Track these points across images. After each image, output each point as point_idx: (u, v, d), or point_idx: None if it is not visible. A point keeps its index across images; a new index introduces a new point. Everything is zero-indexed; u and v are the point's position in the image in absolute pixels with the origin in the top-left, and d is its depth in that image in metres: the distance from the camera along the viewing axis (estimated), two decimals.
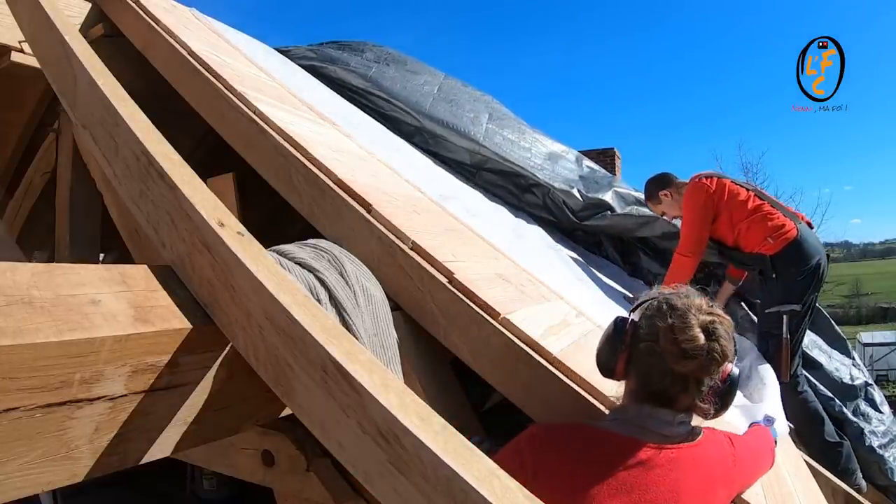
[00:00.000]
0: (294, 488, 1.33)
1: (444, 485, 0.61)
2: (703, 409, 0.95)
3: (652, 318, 0.95)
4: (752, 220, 2.41)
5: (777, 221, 2.37)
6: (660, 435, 0.92)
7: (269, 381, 0.79)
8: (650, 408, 0.94)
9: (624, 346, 0.96)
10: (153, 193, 0.92)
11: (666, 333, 0.90)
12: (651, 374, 0.94)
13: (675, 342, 0.89)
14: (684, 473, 0.89)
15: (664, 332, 0.91)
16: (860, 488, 2.50)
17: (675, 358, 0.89)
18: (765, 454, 1.15)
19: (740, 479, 1.01)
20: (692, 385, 0.92)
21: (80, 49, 1.16)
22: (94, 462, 0.75)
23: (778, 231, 2.35)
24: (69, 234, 2.09)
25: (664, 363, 0.91)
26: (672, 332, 0.90)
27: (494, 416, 1.76)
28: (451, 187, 2.64)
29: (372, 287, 1.13)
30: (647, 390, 0.95)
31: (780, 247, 2.34)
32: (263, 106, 1.53)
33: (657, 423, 0.93)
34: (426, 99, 3.22)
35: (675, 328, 0.90)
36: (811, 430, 2.45)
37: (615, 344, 0.97)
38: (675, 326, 0.90)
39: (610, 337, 0.99)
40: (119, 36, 1.98)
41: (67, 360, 0.66)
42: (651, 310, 0.97)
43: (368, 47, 3.56)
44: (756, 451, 1.11)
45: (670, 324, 0.90)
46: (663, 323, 0.91)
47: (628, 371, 0.98)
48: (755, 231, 2.40)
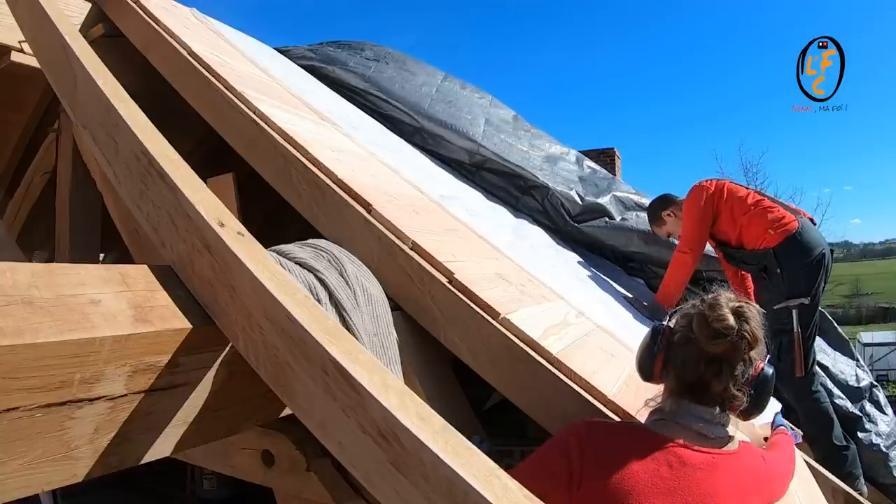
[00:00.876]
0: (294, 488, 1.33)
1: (445, 485, 0.61)
2: (738, 401, 0.97)
3: (686, 314, 1.01)
4: (753, 213, 2.42)
5: (777, 214, 2.38)
6: (699, 435, 0.94)
7: (269, 381, 0.79)
8: (688, 402, 0.97)
9: (661, 347, 1.01)
10: (153, 193, 0.92)
11: (698, 317, 0.97)
12: (686, 363, 0.98)
13: (707, 323, 0.95)
14: (723, 479, 0.91)
15: (697, 317, 0.97)
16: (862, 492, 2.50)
17: (707, 338, 0.94)
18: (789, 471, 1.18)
19: (771, 495, 1.04)
20: (725, 369, 0.96)
21: (80, 49, 1.16)
22: (94, 462, 0.75)
23: (779, 222, 2.35)
24: (69, 234, 2.09)
25: (697, 348, 0.96)
26: (703, 315, 0.96)
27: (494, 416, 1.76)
28: (452, 187, 2.64)
29: (372, 287, 1.13)
30: (683, 382, 0.98)
31: (781, 238, 2.33)
32: (263, 106, 1.54)
33: (696, 419, 0.95)
34: (425, 99, 3.22)
35: (706, 311, 0.96)
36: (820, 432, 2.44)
37: (653, 347, 1.03)
38: (706, 310, 0.96)
39: (648, 342, 1.04)
40: (119, 36, 1.98)
41: (67, 360, 0.66)
42: (686, 309, 1.03)
43: (368, 47, 3.56)
44: (786, 467, 1.15)
45: (702, 309, 0.97)
46: (695, 310, 0.98)
47: (666, 370, 1.02)
48: (756, 224, 2.40)
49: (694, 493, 0.87)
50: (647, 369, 1.03)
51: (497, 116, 3.49)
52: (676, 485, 0.87)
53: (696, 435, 0.94)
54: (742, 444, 1.00)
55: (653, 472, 0.88)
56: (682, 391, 0.98)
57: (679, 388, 0.99)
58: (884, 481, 2.69)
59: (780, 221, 2.35)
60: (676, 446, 0.92)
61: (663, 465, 0.89)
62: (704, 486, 0.88)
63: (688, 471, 0.89)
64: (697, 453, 0.91)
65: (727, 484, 0.91)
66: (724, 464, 0.93)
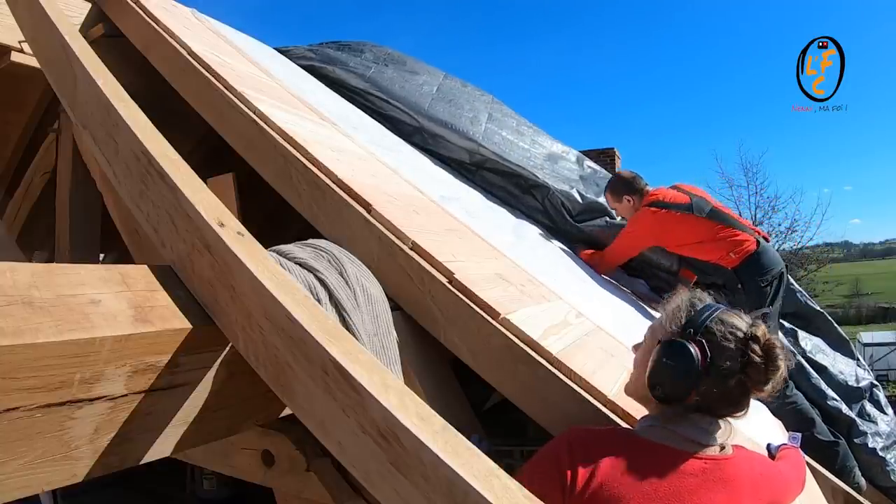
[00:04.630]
0: (294, 488, 1.33)
1: (444, 485, 0.61)
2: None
3: (736, 347, 0.95)
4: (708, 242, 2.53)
5: (736, 238, 2.50)
6: (695, 443, 0.93)
7: (269, 381, 0.79)
8: (697, 416, 0.96)
9: (698, 373, 0.94)
10: (153, 193, 0.92)
11: (758, 368, 0.94)
12: (727, 396, 0.96)
13: (766, 374, 0.94)
14: (716, 485, 0.90)
15: (755, 368, 0.94)
16: (860, 486, 2.52)
17: (760, 386, 0.95)
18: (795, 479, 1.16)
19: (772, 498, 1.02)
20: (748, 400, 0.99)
21: (80, 49, 1.16)
22: (94, 462, 0.75)
23: (739, 246, 2.48)
24: (69, 234, 2.09)
25: (745, 388, 0.96)
26: (765, 367, 0.94)
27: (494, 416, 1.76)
28: (452, 187, 2.64)
29: (372, 287, 1.13)
30: (709, 407, 0.96)
31: (741, 258, 2.47)
32: (263, 106, 1.54)
33: (696, 430, 0.94)
34: (425, 99, 3.21)
35: (767, 364, 0.94)
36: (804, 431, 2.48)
37: (689, 372, 0.94)
38: (767, 360, 0.94)
39: (679, 364, 0.95)
40: (119, 36, 1.98)
41: (67, 360, 0.66)
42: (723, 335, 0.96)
43: (368, 47, 3.56)
44: (791, 473, 1.13)
45: (762, 357, 0.94)
46: (756, 356, 0.94)
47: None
48: (712, 250, 2.54)
49: (685, 500, 0.87)
50: (679, 396, 0.95)
51: (499, 112, 3.49)
52: (668, 491, 0.87)
53: (689, 442, 0.93)
54: (737, 450, 0.99)
55: (645, 479, 0.87)
56: (699, 409, 0.96)
57: (699, 407, 0.96)
58: (883, 484, 2.69)
59: (740, 246, 2.48)
60: (670, 453, 0.91)
61: (656, 472, 0.88)
62: (697, 493, 0.88)
63: (680, 477, 0.89)
64: (690, 460, 0.91)
65: (720, 490, 0.90)
66: (718, 470, 0.92)
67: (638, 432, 0.97)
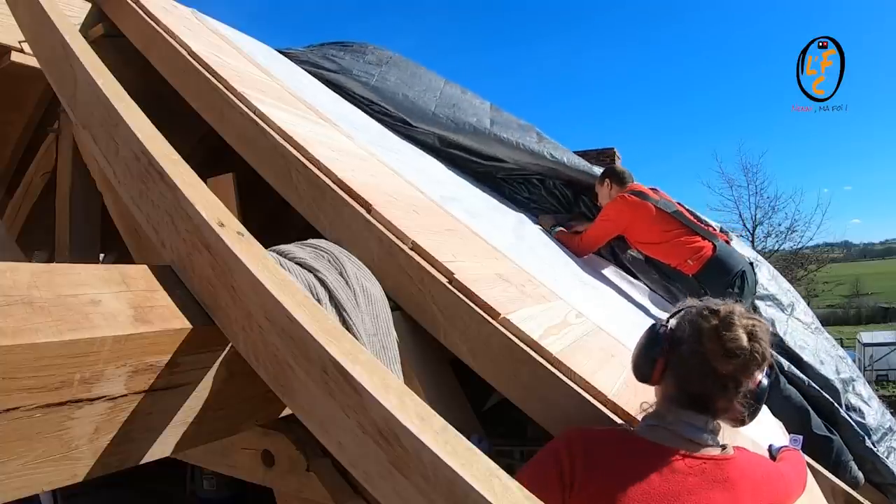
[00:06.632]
0: (294, 488, 1.33)
1: (445, 485, 0.61)
2: (738, 413, 0.97)
3: (694, 321, 0.98)
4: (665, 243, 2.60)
5: (693, 245, 2.56)
6: (692, 443, 0.93)
7: (269, 381, 0.79)
8: (689, 413, 0.95)
9: (662, 350, 0.98)
10: (153, 193, 0.92)
11: (710, 333, 0.93)
12: (691, 376, 0.96)
13: (720, 341, 0.92)
14: (715, 486, 0.90)
15: (709, 332, 0.94)
16: (857, 480, 2.53)
17: (719, 357, 0.92)
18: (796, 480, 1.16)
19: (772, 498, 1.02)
20: (731, 386, 0.95)
21: (80, 49, 1.16)
22: (94, 462, 0.75)
23: (697, 253, 2.55)
24: (69, 234, 2.09)
25: (706, 364, 0.94)
26: (717, 331, 0.93)
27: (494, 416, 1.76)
28: (452, 188, 2.65)
29: (372, 287, 1.13)
30: (686, 393, 0.97)
31: (699, 265, 2.54)
32: (263, 106, 1.54)
33: (692, 429, 0.94)
34: (428, 105, 3.25)
35: (720, 328, 0.93)
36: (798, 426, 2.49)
37: (653, 349, 1.00)
38: (720, 326, 0.93)
39: (647, 342, 1.02)
40: (119, 36, 1.98)
41: (67, 360, 0.66)
42: (691, 314, 1.00)
43: (370, 49, 3.56)
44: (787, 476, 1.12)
45: (715, 325, 0.94)
46: (707, 324, 0.94)
47: (665, 375, 1.00)
48: (673, 253, 2.60)
49: (685, 499, 0.87)
50: (646, 372, 1.01)
51: (501, 118, 3.51)
52: (668, 491, 0.87)
53: (689, 442, 0.93)
54: (737, 451, 0.99)
55: (644, 479, 0.87)
56: (683, 402, 0.97)
57: (680, 398, 0.97)
58: (882, 481, 2.69)
59: (697, 253, 2.55)
60: (668, 453, 0.91)
61: (655, 472, 0.88)
62: (697, 493, 0.88)
63: (679, 477, 0.89)
64: (690, 460, 0.91)
65: (720, 491, 0.90)
66: (718, 470, 0.92)
67: (638, 432, 0.98)
